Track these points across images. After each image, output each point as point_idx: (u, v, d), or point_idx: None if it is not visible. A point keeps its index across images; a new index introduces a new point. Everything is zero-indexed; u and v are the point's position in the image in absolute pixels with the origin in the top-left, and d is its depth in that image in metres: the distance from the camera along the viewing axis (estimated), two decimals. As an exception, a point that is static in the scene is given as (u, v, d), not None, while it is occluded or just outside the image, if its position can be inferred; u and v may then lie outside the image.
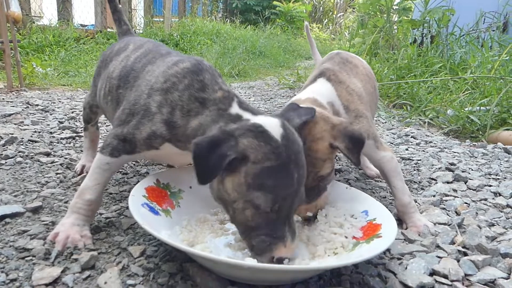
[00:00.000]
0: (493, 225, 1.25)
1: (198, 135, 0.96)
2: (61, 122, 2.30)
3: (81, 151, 1.71)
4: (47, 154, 1.72)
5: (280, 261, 0.87)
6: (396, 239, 1.08)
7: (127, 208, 1.20)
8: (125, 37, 1.57)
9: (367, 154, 1.29)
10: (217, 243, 1.01)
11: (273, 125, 0.91)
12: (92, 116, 1.56)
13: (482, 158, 2.05)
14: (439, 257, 1.03)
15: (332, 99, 1.22)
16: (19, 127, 2.12)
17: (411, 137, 2.51)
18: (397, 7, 5.47)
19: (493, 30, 4.51)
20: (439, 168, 1.81)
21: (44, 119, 2.35)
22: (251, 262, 0.83)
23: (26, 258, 0.94)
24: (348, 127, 1.07)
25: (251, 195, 0.86)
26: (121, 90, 1.21)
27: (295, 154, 0.89)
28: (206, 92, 1.02)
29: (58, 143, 1.91)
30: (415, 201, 1.39)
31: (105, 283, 0.86)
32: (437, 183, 1.63)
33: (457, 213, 1.34)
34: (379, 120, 3.01)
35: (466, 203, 1.43)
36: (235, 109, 0.98)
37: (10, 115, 2.35)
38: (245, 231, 0.91)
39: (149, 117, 1.04)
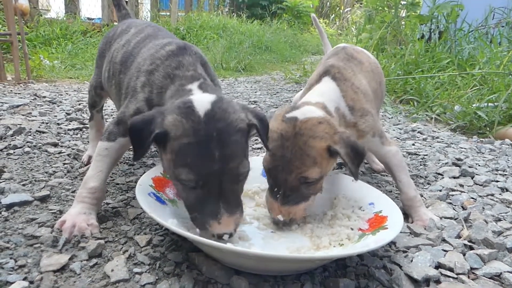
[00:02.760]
0: (499, 220, 1.25)
1: None
2: (68, 114, 2.31)
3: (88, 142, 1.72)
4: (55, 145, 1.73)
5: (219, 237, 0.89)
6: (401, 232, 1.08)
7: (134, 198, 1.22)
8: (125, 20, 1.60)
9: (373, 150, 1.29)
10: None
11: (202, 102, 0.91)
12: (97, 99, 1.58)
13: (489, 154, 2.04)
14: (444, 250, 1.03)
15: (338, 103, 1.19)
16: (27, 118, 2.13)
17: (418, 132, 2.50)
18: (405, 2, 5.42)
19: (503, 26, 4.46)
20: (446, 163, 1.81)
21: (51, 111, 2.37)
22: (256, 250, 0.84)
23: (35, 245, 0.95)
24: (351, 137, 1.05)
25: (176, 172, 0.89)
26: (122, 75, 1.26)
27: (217, 131, 0.88)
28: (179, 70, 1.06)
29: (65, 134, 1.92)
30: (421, 196, 1.39)
31: (112, 270, 0.87)
32: (443, 178, 1.63)
33: (464, 208, 1.34)
34: (385, 115, 3.00)
35: (472, 198, 1.42)
36: (192, 86, 1.02)
37: (18, 106, 2.37)
38: (186, 208, 0.95)
39: (135, 96, 1.10)
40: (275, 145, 1.04)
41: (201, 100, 0.92)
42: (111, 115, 2.39)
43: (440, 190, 1.48)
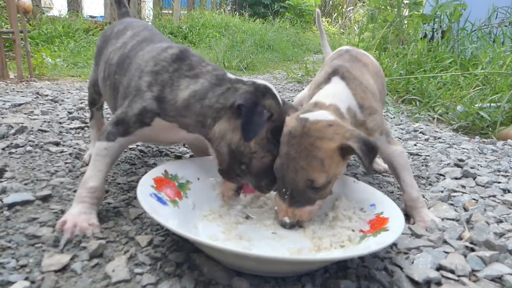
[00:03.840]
0: (501, 221, 1.24)
1: (190, 104, 1.09)
2: (70, 113, 2.31)
3: (90, 141, 1.72)
4: (57, 144, 1.73)
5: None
6: (403, 233, 1.08)
7: (135, 198, 1.22)
8: (123, 18, 1.61)
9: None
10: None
11: (273, 89, 1.10)
12: (96, 96, 1.59)
13: (491, 155, 2.03)
14: (446, 252, 1.03)
15: (349, 103, 1.19)
16: (29, 116, 2.13)
17: (420, 132, 2.50)
18: (407, 1, 5.40)
19: (506, 26, 4.45)
20: (448, 164, 1.80)
21: (53, 109, 2.37)
22: (257, 252, 0.84)
23: (36, 245, 0.95)
24: (362, 134, 1.03)
25: (270, 145, 1.05)
26: (117, 76, 1.27)
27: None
28: (196, 69, 1.13)
29: (67, 133, 1.92)
30: (423, 197, 1.39)
31: (113, 271, 0.87)
32: (445, 179, 1.62)
33: (465, 209, 1.34)
34: (387, 115, 2.99)
35: (474, 199, 1.42)
36: (230, 75, 1.12)
37: (20, 105, 2.38)
38: (257, 176, 1.09)
39: (140, 95, 1.12)
40: (282, 141, 1.05)
41: (271, 87, 1.09)
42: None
43: (442, 191, 1.48)
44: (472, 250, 1.05)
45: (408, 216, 1.24)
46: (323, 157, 1.00)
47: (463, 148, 2.14)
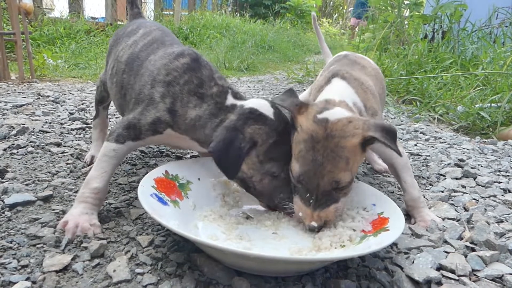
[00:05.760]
0: (502, 221, 1.24)
1: (196, 126, 1.12)
2: (72, 114, 2.32)
3: (91, 142, 1.73)
4: (58, 145, 1.74)
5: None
6: (403, 233, 1.08)
7: (136, 198, 1.22)
8: (135, 19, 1.62)
9: (378, 150, 1.28)
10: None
11: (265, 107, 1.09)
12: (105, 94, 1.59)
13: (492, 155, 2.03)
14: (446, 252, 1.03)
15: (354, 99, 1.18)
16: (31, 117, 2.14)
17: (420, 133, 2.50)
18: (408, 2, 5.41)
19: (506, 26, 4.45)
20: (448, 164, 1.80)
21: (55, 110, 2.38)
22: (258, 252, 0.84)
23: (37, 245, 0.95)
24: (378, 121, 1.03)
25: (265, 167, 1.06)
26: (125, 76, 1.28)
27: (285, 124, 1.09)
28: (203, 88, 1.14)
29: (68, 133, 1.93)
30: (423, 197, 1.39)
31: (114, 271, 0.87)
32: (445, 179, 1.62)
33: (466, 209, 1.34)
34: (388, 116, 3.00)
35: (474, 199, 1.42)
36: (229, 100, 1.13)
37: (21, 105, 2.38)
38: (266, 196, 1.11)
39: (154, 105, 1.14)
40: (305, 147, 1.00)
41: (263, 106, 1.09)
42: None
43: (442, 191, 1.48)
44: (473, 250, 1.05)
45: (408, 216, 1.24)
46: (348, 156, 0.98)
47: (464, 148, 2.14)
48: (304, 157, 1.00)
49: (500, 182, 1.60)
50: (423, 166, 1.81)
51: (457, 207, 1.35)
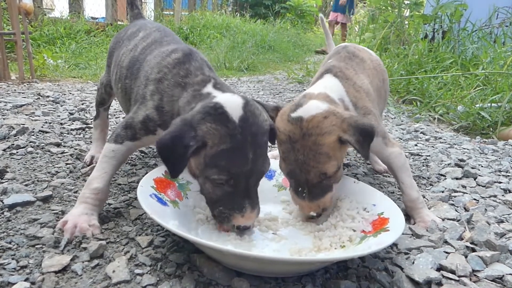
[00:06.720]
0: (502, 221, 1.24)
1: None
2: (71, 114, 2.32)
3: (91, 142, 1.73)
4: (58, 145, 1.74)
5: (239, 229, 0.98)
6: (403, 234, 1.08)
7: (136, 199, 1.22)
8: (136, 20, 1.62)
9: (375, 151, 1.28)
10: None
11: (234, 106, 0.94)
12: (106, 97, 1.59)
13: (492, 155, 2.03)
14: (446, 252, 1.03)
15: (341, 96, 1.20)
16: (30, 118, 2.14)
17: (421, 133, 2.49)
18: (408, 2, 5.41)
19: (507, 26, 4.44)
20: (448, 164, 1.80)
21: (54, 110, 2.37)
22: (257, 253, 0.84)
23: (37, 246, 0.95)
24: (358, 120, 1.04)
25: (208, 172, 0.94)
26: (127, 81, 1.28)
27: (252, 136, 0.93)
28: (188, 78, 1.09)
29: (68, 134, 1.93)
30: (424, 197, 1.38)
31: (113, 271, 0.87)
32: (446, 179, 1.62)
33: (466, 209, 1.33)
34: (388, 116, 2.99)
35: (475, 199, 1.41)
36: (207, 89, 1.04)
37: (21, 106, 2.38)
38: (209, 202, 1.01)
39: (144, 103, 1.12)
40: (285, 148, 1.06)
41: (233, 104, 0.94)
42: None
43: (443, 191, 1.47)
44: (473, 250, 1.05)
45: (408, 217, 1.24)
46: (327, 151, 1.02)
47: (464, 148, 2.14)
48: (287, 158, 1.06)
49: (500, 182, 1.60)
50: (423, 166, 1.81)
51: (457, 207, 1.35)
